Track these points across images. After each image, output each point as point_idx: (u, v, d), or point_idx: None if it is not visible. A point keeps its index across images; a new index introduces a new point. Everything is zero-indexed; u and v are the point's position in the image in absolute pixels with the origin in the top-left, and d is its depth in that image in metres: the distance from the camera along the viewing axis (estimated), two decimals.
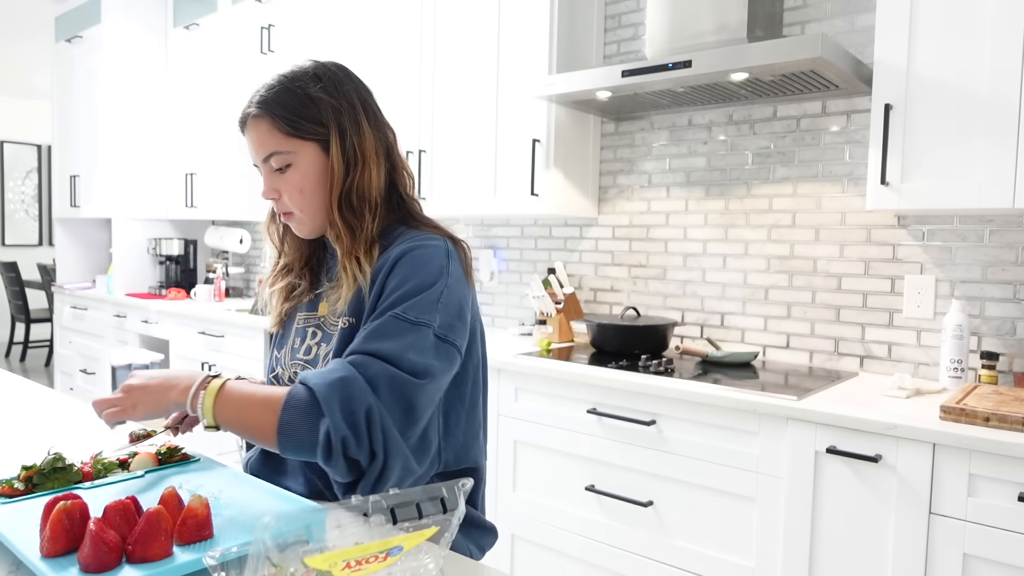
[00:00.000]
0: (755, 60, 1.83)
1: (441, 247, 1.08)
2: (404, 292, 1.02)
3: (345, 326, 1.08)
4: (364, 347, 0.98)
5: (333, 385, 0.94)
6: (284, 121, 1.07)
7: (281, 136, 1.08)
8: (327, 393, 0.93)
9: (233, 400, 0.99)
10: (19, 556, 0.79)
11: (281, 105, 1.08)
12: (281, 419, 0.95)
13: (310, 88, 1.08)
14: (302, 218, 1.13)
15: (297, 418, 0.94)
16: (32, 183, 7.65)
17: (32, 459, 1.02)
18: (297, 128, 1.07)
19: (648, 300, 2.54)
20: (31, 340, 6.85)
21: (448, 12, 2.66)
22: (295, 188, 1.09)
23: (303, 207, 1.11)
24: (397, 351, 0.97)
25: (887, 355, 2.05)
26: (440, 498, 0.66)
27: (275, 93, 1.09)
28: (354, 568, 0.60)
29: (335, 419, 0.92)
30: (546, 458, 2.07)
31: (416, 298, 1.01)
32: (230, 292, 4.14)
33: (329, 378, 0.95)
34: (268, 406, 0.96)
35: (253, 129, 1.10)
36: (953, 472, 1.44)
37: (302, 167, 1.09)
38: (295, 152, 1.08)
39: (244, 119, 1.12)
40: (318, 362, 1.11)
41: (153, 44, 4.07)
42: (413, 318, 1.00)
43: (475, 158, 2.61)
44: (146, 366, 1.36)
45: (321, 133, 1.08)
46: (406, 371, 0.97)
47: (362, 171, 1.09)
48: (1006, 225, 1.87)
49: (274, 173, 1.10)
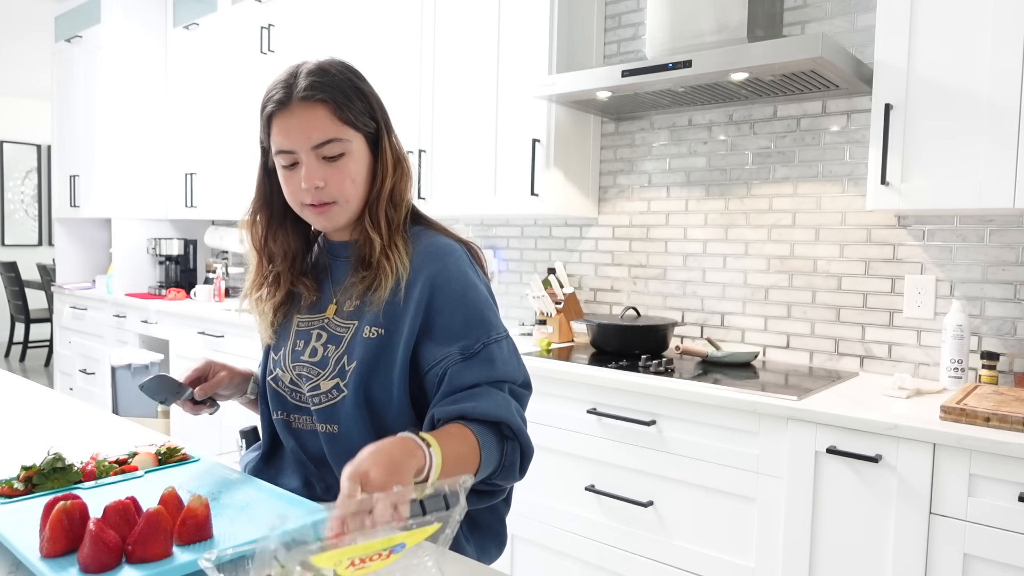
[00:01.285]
0: (755, 60, 1.83)
1: (464, 258, 1.12)
2: (472, 308, 1.07)
3: (372, 336, 1.07)
4: (493, 375, 1.05)
5: (509, 408, 1.03)
6: (346, 109, 1.05)
7: (339, 123, 1.05)
8: (514, 419, 1.03)
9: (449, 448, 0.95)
10: (19, 556, 0.79)
11: (341, 92, 1.06)
12: (484, 453, 1.00)
13: (358, 82, 1.09)
14: (344, 209, 1.09)
15: (492, 449, 1.02)
16: (32, 183, 7.65)
17: (32, 459, 1.01)
18: (356, 118, 1.07)
19: (648, 300, 2.54)
20: (31, 340, 6.85)
21: (448, 12, 2.66)
22: (348, 177, 1.07)
23: (350, 198, 1.08)
24: (515, 371, 1.08)
25: (887, 355, 2.05)
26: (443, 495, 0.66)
27: (332, 79, 1.06)
28: (358, 566, 0.60)
29: (524, 435, 1.05)
30: (546, 458, 2.07)
31: (489, 314, 1.09)
32: (230, 292, 4.14)
33: (503, 403, 1.04)
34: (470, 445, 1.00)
35: (307, 112, 1.04)
36: (953, 472, 1.44)
37: (356, 157, 1.08)
38: (351, 141, 1.07)
39: (289, 100, 1.04)
40: (327, 364, 1.09)
41: (153, 44, 4.07)
42: (505, 334, 1.10)
43: (475, 158, 2.61)
44: (146, 366, 1.36)
45: (371, 127, 1.09)
46: (520, 386, 1.09)
47: (403, 173, 1.12)
48: (1006, 225, 1.87)
49: (321, 160, 1.06)
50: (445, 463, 0.90)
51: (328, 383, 1.09)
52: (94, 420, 1.46)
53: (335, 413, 1.08)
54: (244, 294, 1.22)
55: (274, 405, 1.17)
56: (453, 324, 1.05)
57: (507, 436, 1.03)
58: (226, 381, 1.19)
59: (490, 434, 1.01)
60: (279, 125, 1.05)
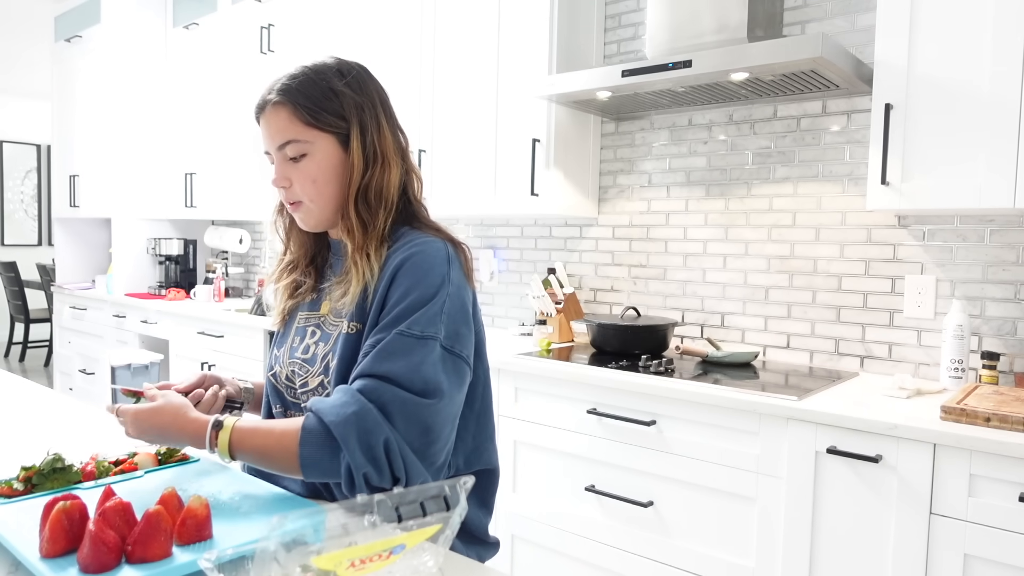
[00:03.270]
0: (755, 60, 1.83)
1: (441, 252, 1.07)
2: (407, 305, 1.01)
3: (351, 332, 1.07)
4: (373, 369, 0.98)
5: (348, 421, 0.94)
6: (305, 111, 1.07)
7: (300, 125, 1.07)
8: (344, 431, 0.94)
9: (247, 437, 1.00)
10: (18, 556, 0.78)
11: (304, 95, 1.07)
12: (302, 454, 0.96)
13: (333, 82, 1.09)
14: (310, 208, 1.12)
15: (317, 452, 0.96)
16: (31, 183, 7.65)
17: (31, 459, 1.01)
18: (317, 119, 1.07)
19: (648, 300, 2.53)
20: (30, 340, 6.85)
21: (448, 12, 2.66)
22: (308, 178, 1.09)
23: (313, 197, 1.10)
24: (406, 372, 0.97)
25: (887, 355, 2.05)
26: (443, 496, 0.66)
27: (299, 83, 1.08)
28: (358, 567, 0.60)
29: (355, 456, 0.94)
30: (546, 458, 2.07)
31: (420, 311, 1.01)
32: (230, 292, 4.14)
33: (343, 413, 0.95)
34: (284, 443, 0.98)
35: (272, 115, 1.09)
36: (954, 472, 1.44)
37: (318, 158, 1.08)
38: (312, 142, 1.08)
39: (263, 105, 1.11)
40: (315, 362, 1.11)
41: (153, 44, 4.07)
42: (419, 332, 1.00)
43: (475, 158, 2.60)
44: (145, 366, 1.35)
45: (341, 127, 1.09)
46: (417, 393, 0.97)
47: (382, 169, 1.10)
48: (1006, 225, 1.87)
49: (288, 161, 1.09)
50: (237, 455, 1.00)
51: (315, 380, 1.10)
52: (94, 420, 1.45)
53: None
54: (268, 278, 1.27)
55: (274, 400, 1.19)
56: (387, 317, 1.02)
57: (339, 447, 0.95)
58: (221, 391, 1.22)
59: (322, 437, 0.95)
60: (261, 128, 1.12)
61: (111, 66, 3.99)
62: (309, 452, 0.96)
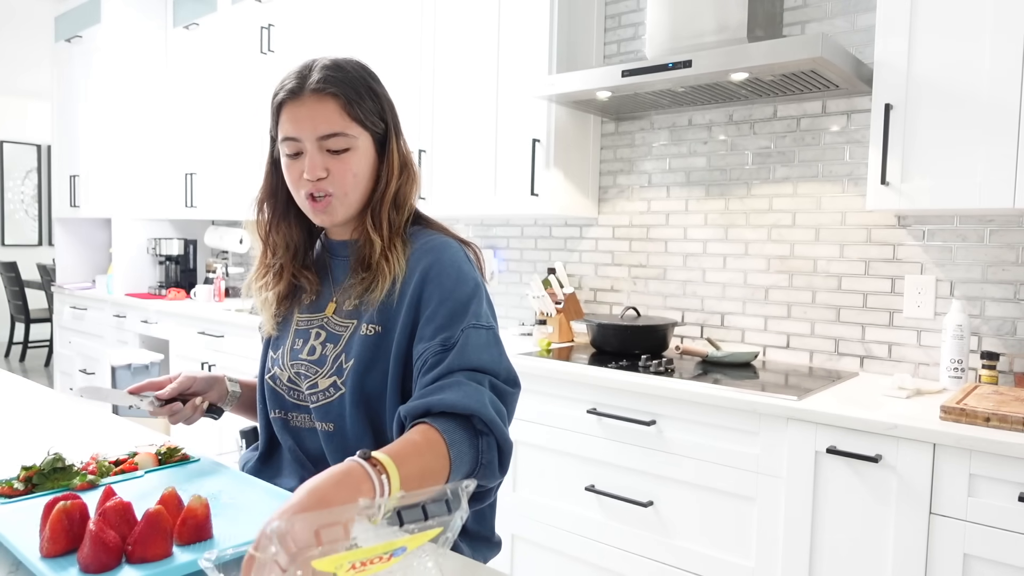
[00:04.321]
0: (755, 60, 1.83)
1: (460, 253, 1.10)
2: (457, 302, 1.03)
3: (370, 334, 1.07)
4: (464, 363, 0.99)
5: (481, 399, 0.94)
6: (357, 106, 1.07)
7: (348, 119, 1.06)
8: (486, 411, 0.94)
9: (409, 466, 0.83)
10: (19, 556, 0.79)
11: (354, 89, 1.07)
12: (453, 453, 0.89)
13: (372, 82, 1.10)
14: (341, 202, 1.09)
15: (464, 447, 0.92)
16: (32, 183, 7.65)
17: (32, 459, 1.01)
18: (365, 116, 1.08)
19: (648, 300, 2.53)
20: (31, 340, 6.85)
21: (448, 12, 2.66)
22: (350, 171, 1.07)
23: (349, 191, 1.09)
24: (494, 363, 1.01)
25: (887, 355, 2.05)
26: (445, 499, 0.66)
27: (346, 75, 1.07)
28: (359, 569, 0.60)
29: (500, 431, 0.95)
30: (546, 458, 2.07)
31: (473, 305, 1.04)
32: (230, 292, 4.14)
33: (473, 394, 0.95)
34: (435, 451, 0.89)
35: (316, 104, 1.05)
36: (953, 472, 1.44)
37: (360, 153, 1.08)
38: (357, 138, 1.07)
39: (303, 90, 1.05)
40: (325, 362, 1.10)
41: (153, 44, 4.07)
42: (486, 324, 1.04)
43: (475, 158, 2.61)
44: (146, 366, 1.36)
45: (379, 127, 1.10)
46: (504, 381, 1.01)
47: (409, 177, 1.13)
48: (1006, 225, 1.87)
49: (326, 153, 1.07)
50: (405, 483, 0.80)
51: (326, 381, 1.09)
52: (94, 420, 1.46)
53: (332, 411, 1.09)
54: (248, 283, 1.24)
55: (272, 404, 1.17)
56: (438, 316, 1.03)
57: (480, 431, 0.94)
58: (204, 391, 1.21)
59: (460, 431, 0.92)
60: (288, 113, 1.07)
61: (111, 66, 3.99)
62: (459, 450, 0.91)
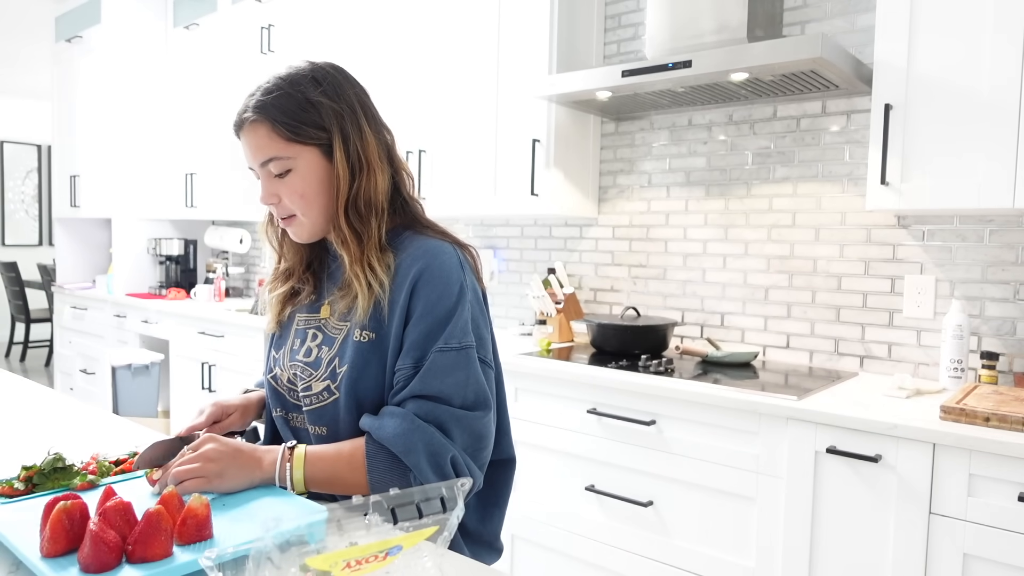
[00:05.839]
0: (755, 60, 1.83)
1: (453, 257, 1.08)
2: (437, 317, 1.04)
3: (364, 340, 1.07)
4: (424, 390, 1.01)
5: (415, 448, 0.98)
6: (284, 126, 1.05)
7: (281, 141, 1.05)
8: (414, 459, 0.98)
9: (319, 466, 1.02)
10: (19, 556, 0.79)
11: (280, 110, 1.05)
12: (372, 479, 1.00)
13: (310, 92, 1.06)
14: (303, 222, 1.10)
15: (387, 476, 1.00)
16: (32, 183, 7.65)
17: (32, 459, 1.02)
18: (298, 133, 1.05)
19: (648, 300, 2.54)
20: (31, 340, 6.85)
21: (448, 12, 2.66)
22: (295, 193, 1.07)
23: (304, 211, 1.09)
24: (456, 389, 1.02)
25: (887, 355, 2.05)
26: (440, 498, 0.66)
27: (274, 97, 1.06)
28: (354, 568, 0.60)
29: (428, 479, 0.98)
30: (546, 458, 2.07)
31: (451, 323, 1.04)
32: (230, 292, 4.14)
33: (409, 440, 0.99)
34: (353, 467, 1.01)
35: (251, 134, 1.07)
36: (953, 472, 1.44)
37: (303, 171, 1.07)
38: (295, 157, 1.06)
39: (240, 123, 1.09)
40: (320, 365, 1.10)
41: (153, 44, 4.07)
42: (457, 345, 1.03)
43: (475, 158, 2.61)
44: (146, 366, 1.36)
45: (323, 138, 1.07)
46: (469, 407, 1.03)
47: (368, 176, 1.08)
48: (1006, 225, 1.87)
49: (273, 178, 1.08)
50: (310, 483, 1.01)
51: (319, 384, 1.09)
52: (94, 420, 1.46)
53: (326, 415, 1.09)
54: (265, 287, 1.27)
55: (274, 403, 1.18)
56: (415, 331, 1.04)
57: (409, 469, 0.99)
58: (238, 422, 1.21)
59: (387, 461, 1.00)
60: (242, 145, 1.11)
61: (111, 66, 3.99)
62: (379, 477, 0.99)
